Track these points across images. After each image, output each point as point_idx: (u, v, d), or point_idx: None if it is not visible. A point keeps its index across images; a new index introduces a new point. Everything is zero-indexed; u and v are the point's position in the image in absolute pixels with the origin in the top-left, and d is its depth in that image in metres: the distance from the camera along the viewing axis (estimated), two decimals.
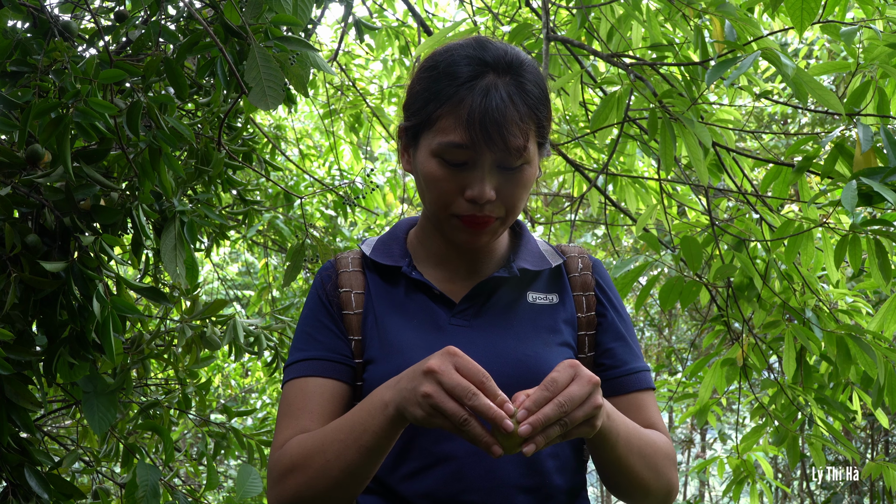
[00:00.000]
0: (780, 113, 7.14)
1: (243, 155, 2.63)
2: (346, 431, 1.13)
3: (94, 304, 1.65)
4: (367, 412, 1.11)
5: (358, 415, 1.12)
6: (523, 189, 1.22)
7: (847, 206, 1.92)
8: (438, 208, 1.23)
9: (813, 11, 2.08)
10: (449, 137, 1.17)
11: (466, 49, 1.22)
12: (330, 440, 1.14)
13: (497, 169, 1.19)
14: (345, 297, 1.31)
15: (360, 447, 1.11)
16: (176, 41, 1.88)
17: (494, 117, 1.15)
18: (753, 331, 2.83)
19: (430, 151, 1.20)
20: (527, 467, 1.22)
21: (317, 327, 1.30)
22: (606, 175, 3.42)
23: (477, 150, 1.17)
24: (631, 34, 3.01)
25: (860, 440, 7.52)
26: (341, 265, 1.35)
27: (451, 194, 1.21)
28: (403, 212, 5.92)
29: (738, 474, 3.19)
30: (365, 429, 1.10)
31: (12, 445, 1.80)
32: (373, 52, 4.88)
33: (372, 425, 1.10)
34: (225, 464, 6.44)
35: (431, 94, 1.20)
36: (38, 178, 1.67)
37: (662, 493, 1.25)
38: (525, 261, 1.32)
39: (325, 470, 1.13)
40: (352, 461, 1.12)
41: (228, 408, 2.73)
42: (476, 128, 1.15)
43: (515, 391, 1.20)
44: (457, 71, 1.19)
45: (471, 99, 1.16)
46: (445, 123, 1.18)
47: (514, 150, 1.17)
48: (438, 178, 1.20)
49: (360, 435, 1.11)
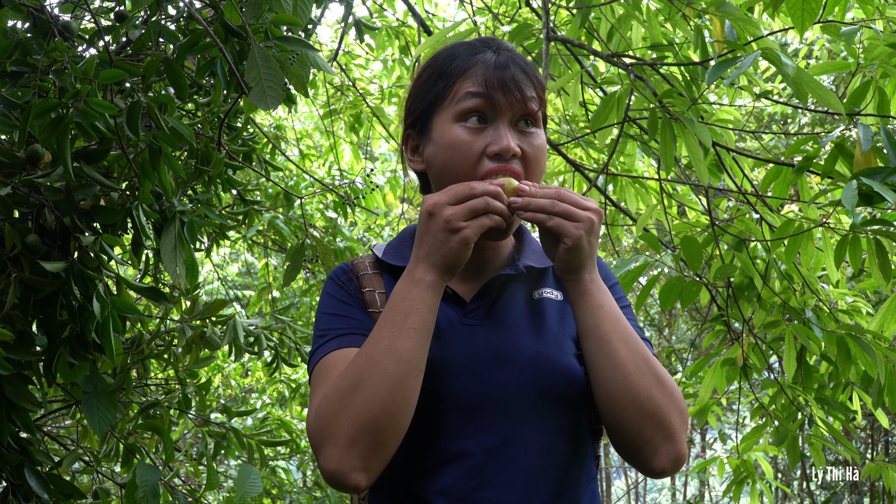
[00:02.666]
0: (780, 113, 7.14)
1: (243, 155, 2.63)
2: (376, 336, 1.12)
3: (94, 304, 1.65)
4: (399, 299, 1.14)
5: (390, 312, 1.13)
6: (541, 153, 1.26)
7: (847, 206, 1.92)
8: (465, 176, 1.23)
9: (814, 11, 2.08)
10: (468, 89, 1.23)
11: (463, 42, 1.31)
12: (361, 356, 1.12)
13: (515, 130, 1.24)
14: (369, 297, 1.32)
15: (408, 331, 1.11)
16: (176, 41, 1.88)
17: (509, 72, 1.23)
18: (753, 331, 2.83)
19: (450, 118, 1.24)
20: (540, 463, 1.23)
21: (344, 310, 1.29)
22: (606, 175, 3.42)
23: (495, 104, 1.22)
24: (631, 34, 3.01)
25: (860, 440, 7.52)
26: (359, 269, 1.36)
27: (475, 156, 1.23)
28: (403, 212, 5.92)
29: (738, 474, 3.20)
30: (407, 312, 1.12)
31: (12, 445, 1.80)
32: (373, 52, 4.88)
33: (415, 305, 1.12)
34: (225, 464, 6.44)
35: (438, 75, 1.27)
36: (38, 178, 1.67)
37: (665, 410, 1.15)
38: (530, 259, 1.34)
39: (381, 375, 1.09)
40: (404, 348, 1.11)
41: (228, 408, 2.73)
42: (494, 80, 1.22)
43: (529, 388, 1.21)
44: (459, 52, 1.28)
45: (482, 63, 1.24)
46: (460, 86, 1.24)
47: (529, 98, 1.23)
48: (462, 142, 1.23)
49: (402, 320, 1.12)
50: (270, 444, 2.70)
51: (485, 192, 1.13)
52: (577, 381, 1.25)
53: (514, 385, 1.22)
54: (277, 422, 3.88)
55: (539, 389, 1.22)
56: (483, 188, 1.14)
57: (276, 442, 2.70)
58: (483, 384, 1.21)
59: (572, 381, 1.24)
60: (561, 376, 1.24)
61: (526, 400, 1.21)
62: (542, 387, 1.22)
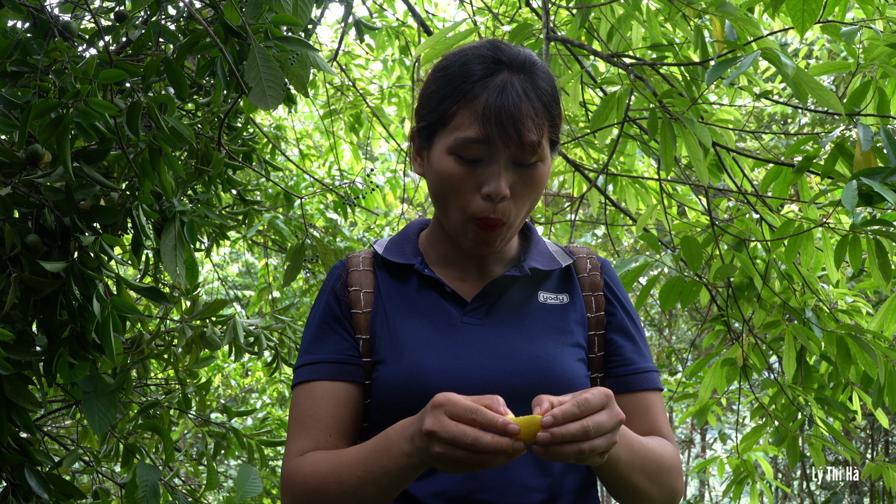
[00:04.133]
0: (780, 113, 7.14)
1: (243, 155, 2.63)
2: (364, 469, 1.13)
3: (94, 304, 1.65)
4: (385, 457, 1.11)
5: (376, 459, 1.12)
6: (537, 188, 1.23)
7: (847, 206, 1.92)
8: (455, 209, 1.23)
9: (814, 12, 2.08)
10: (465, 133, 1.18)
11: (480, 50, 1.23)
12: (347, 475, 1.15)
13: (512, 166, 1.20)
14: (354, 296, 1.31)
15: (378, 486, 1.12)
16: (176, 41, 1.88)
17: (510, 112, 1.16)
18: (753, 331, 2.83)
19: (445, 149, 1.21)
20: (538, 467, 1.23)
21: (323, 329, 1.30)
22: (606, 175, 3.42)
23: (492, 145, 1.17)
24: (631, 34, 3.01)
25: (860, 440, 7.52)
26: (352, 264, 1.35)
27: (467, 192, 1.21)
28: (403, 212, 5.92)
29: (738, 474, 3.19)
30: (385, 472, 1.11)
31: (12, 445, 1.80)
32: (373, 52, 4.88)
33: (393, 469, 1.10)
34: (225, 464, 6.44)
35: (446, 92, 1.22)
36: (38, 178, 1.67)
37: (665, 503, 1.26)
38: (536, 261, 1.33)
39: (341, 501, 1.16)
40: (369, 496, 1.13)
41: (228, 408, 2.73)
42: (492, 122, 1.16)
43: (526, 390, 1.19)
44: (471, 69, 1.20)
45: (486, 94, 1.17)
46: (461, 119, 1.19)
47: (529, 144, 1.18)
48: (454, 175, 1.20)
49: (378, 477, 1.12)
50: (270, 444, 2.70)
51: (486, 448, 0.99)
52: (577, 385, 1.24)
53: (512, 386, 1.21)
54: (277, 422, 3.88)
55: (538, 392, 1.21)
56: (487, 445, 0.99)
57: (276, 442, 2.70)
58: (481, 385, 1.21)
59: (573, 385, 1.24)
60: (560, 379, 1.23)
61: (524, 402, 1.21)
62: (542, 390, 1.21)
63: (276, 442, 2.70)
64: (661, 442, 1.27)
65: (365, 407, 1.29)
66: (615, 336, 1.34)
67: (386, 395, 1.25)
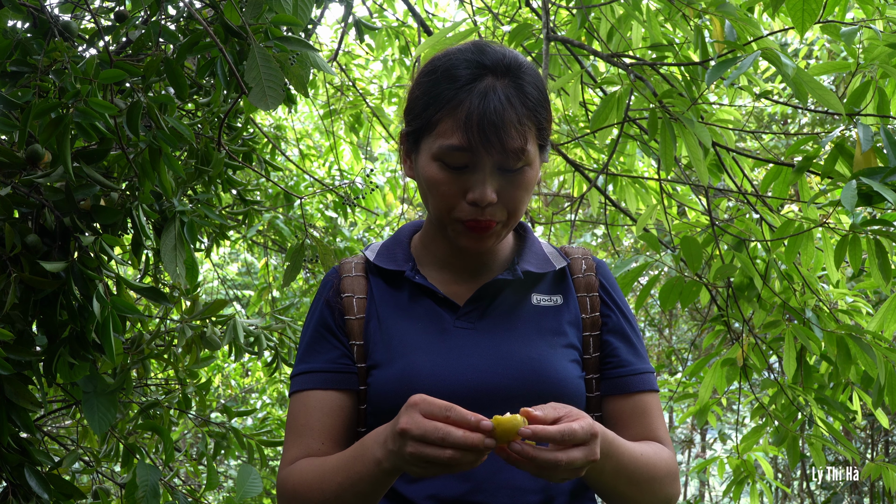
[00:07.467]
0: (780, 113, 7.14)
1: (243, 155, 2.63)
2: (343, 476, 1.16)
3: (94, 304, 1.65)
4: (361, 462, 1.13)
5: (353, 465, 1.15)
6: (524, 191, 1.22)
7: (847, 206, 1.92)
8: (441, 213, 1.23)
9: (814, 12, 2.08)
10: (448, 141, 1.18)
11: (465, 53, 1.22)
12: (329, 482, 1.18)
13: (498, 171, 1.19)
14: (347, 302, 1.32)
15: (356, 493, 1.15)
16: (176, 41, 1.88)
17: (492, 120, 1.15)
18: (753, 331, 2.83)
19: (430, 155, 1.21)
20: None
21: (316, 338, 1.32)
22: (606, 175, 3.42)
23: (475, 152, 1.17)
24: (631, 34, 3.01)
25: (860, 440, 7.52)
26: (344, 270, 1.36)
27: (452, 198, 1.21)
28: (403, 212, 5.92)
29: (738, 474, 3.19)
30: (361, 478, 1.13)
31: (12, 445, 1.80)
32: (373, 52, 4.88)
33: (367, 476, 1.12)
34: (225, 464, 6.44)
35: (430, 98, 1.21)
36: (38, 178, 1.67)
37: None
38: (529, 263, 1.32)
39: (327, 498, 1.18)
40: (350, 502, 1.16)
41: (228, 408, 2.73)
42: (474, 130, 1.15)
43: (520, 392, 1.20)
44: (455, 74, 1.19)
45: (469, 101, 1.16)
46: (444, 127, 1.18)
47: (512, 152, 1.17)
48: (440, 181, 1.20)
49: (355, 483, 1.14)
50: (270, 444, 2.70)
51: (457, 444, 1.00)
52: (570, 388, 1.24)
53: (505, 389, 1.21)
54: (277, 422, 3.88)
55: (531, 394, 1.21)
56: (458, 440, 1.00)
57: (276, 442, 2.70)
58: (474, 388, 1.21)
59: (566, 387, 1.24)
60: (554, 382, 1.23)
61: (517, 404, 1.21)
62: (535, 392, 1.21)
63: (275, 442, 2.70)
64: (656, 448, 1.27)
65: (361, 412, 1.30)
66: (611, 337, 1.33)
67: (380, 399, 1.25)
